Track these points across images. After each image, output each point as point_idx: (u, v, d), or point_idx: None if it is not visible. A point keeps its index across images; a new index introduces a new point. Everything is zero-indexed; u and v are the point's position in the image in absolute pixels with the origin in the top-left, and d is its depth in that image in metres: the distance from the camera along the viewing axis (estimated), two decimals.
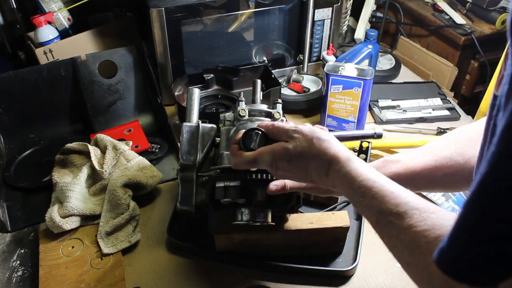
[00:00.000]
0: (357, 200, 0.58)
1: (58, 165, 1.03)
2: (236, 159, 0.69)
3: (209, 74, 1.25)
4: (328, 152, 0.61)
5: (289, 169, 0.65)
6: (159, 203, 1.00)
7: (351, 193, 0.59)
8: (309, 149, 0.62)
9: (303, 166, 0.63)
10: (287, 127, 0.66)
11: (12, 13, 1.27)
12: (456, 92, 1.46)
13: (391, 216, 0.52)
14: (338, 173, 0.60)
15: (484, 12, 1.43)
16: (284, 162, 0.64)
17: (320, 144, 0.62)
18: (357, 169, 0.59)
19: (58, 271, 0.84)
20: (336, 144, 0.63)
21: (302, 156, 0.63)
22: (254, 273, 0.85)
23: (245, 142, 0.68)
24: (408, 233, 0.49)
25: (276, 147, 0.65)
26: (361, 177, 0.58)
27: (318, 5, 1.26)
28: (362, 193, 0.56)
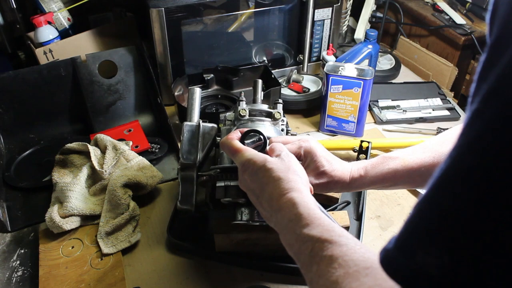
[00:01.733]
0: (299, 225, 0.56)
1: (58, 165, 1.03)
2: (225, 140, 0.72)
3: (209, 74, 1.25)
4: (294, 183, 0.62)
5: (252, 178, 0.66)
6: (159, 203, 1.00)
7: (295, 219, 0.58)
8: (281, 171, 0.63)
9: (265, 181, 0.64)
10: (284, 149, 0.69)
11: (12, 13, 1.27)
12: (456, 92, 1.46)
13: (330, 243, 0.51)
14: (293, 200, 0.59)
15: (484, 12, 1.43)
16: (253, 170, 0.66)
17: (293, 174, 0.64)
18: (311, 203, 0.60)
19: (58, 271, 0.84)
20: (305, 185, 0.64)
21: (270, 172, 0.63)
22: (254, 273, 0.85)
23: (245, 136, 0.72)
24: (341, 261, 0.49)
25: (258, 155, 0.67)
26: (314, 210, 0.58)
27: (318, 5, 1.26)
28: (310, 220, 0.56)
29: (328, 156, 0.77)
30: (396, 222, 0.95)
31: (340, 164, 0.77)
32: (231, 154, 0.71)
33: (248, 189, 0.68)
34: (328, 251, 0.50)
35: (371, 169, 0.77)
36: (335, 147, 1.12)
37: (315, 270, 0.51)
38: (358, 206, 0.97)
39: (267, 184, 0.63)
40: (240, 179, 0.70)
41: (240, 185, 0.70)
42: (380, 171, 0.77)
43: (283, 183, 0.62)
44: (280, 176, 0.63)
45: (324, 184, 0.76)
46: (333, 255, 0.50)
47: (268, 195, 0.63)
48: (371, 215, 0.97)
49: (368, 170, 0.77)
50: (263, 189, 0.64)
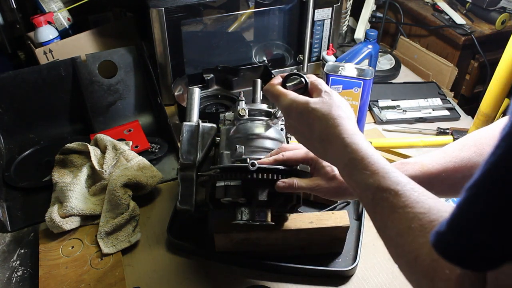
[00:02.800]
0: (356, 172, 0.57)
1: (58, 165, 1.03)
2: (268, 86, 0.72)
3: (209, 74, 1.25)
4: (340, 120, 0.62)
5: (298, 121, 0.67)
6: (159, 203, 1.00)
7: (351, 164, 0.58)
8: (325, 110, 0.64)
9: (311, 123, 0.64)
10: (323, 87, 0.68)
11: (12, 13, 1.27)
12: (456, 92, 1.46)
13: (388, 193, 0.52)
14: (343, 141, 0.60)
15: (484, 12, 1.43)
16: (297, 113, 0.66)
17: (336, 111, 0.63)
18: (363, 144, 0.59)
19: (58, 271, 0.84)
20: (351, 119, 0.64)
21: (314, 113, 0.64)
22: (254, 273, 0.85)
23: (286, 80, 0.72)
24: (402, 212, 0.49)
25: (299, 97, 0.67)
26: (366, 151, 0.58)
27: (318, 5, 1.26)
28: (364, 166, 0.56)
29: None
30: None
31: None
32: (274, 99, 0.71)
33: (296, 132, 0.69)
34: (388, 203, 0.51)
35: None
36: None
37: (378, 220, 0.53)
38: (358, 206, 0.96)
39: (313, 124, 0.64)
40: (286, 124, 0.71)
41: (288, 131, 0.72)
42: None
43: (330, 121, 0.62)
44: (325, 115, 0.63)
45: (335, 189, 0.73)
46: (393, 206, 0.50)
47: (318, 135, 0.64)
48: None
49: None
50: (311, 130, 0.65)
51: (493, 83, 0.94)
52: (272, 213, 0.79)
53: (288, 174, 0.75)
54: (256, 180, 0.73)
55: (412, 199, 0.49)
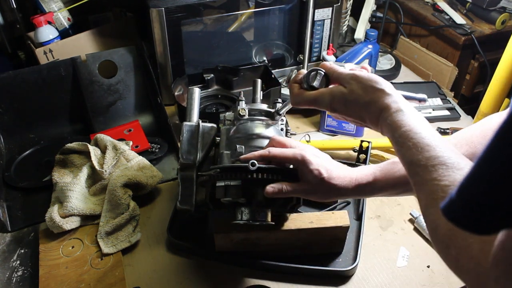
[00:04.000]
0: (396, 148, 0.60)
1: (58, 165, 1.03)
2: (296, 97, 0.73)
3: (209, 74, 1.25)
4: (381, 101, 0.64)
5: (346, 112, 0.68)
6: (159, 203, 1.00)
7: (392, 141, 0.61)
8: (364, 96, 0.65)
9: (358, 111, 0.66)
10: (345, 72, 0.69)
11: (12, 13, 1.27)
12: (456, 92, 1.46)
13: (419, 168, 0.54)
14: (386, 121, 0.62)
15: (484, 12, 1.43)
16: (341, 105, 0.68)
17: (374, 92, 0.65)
18: (403, 120, 0.61)
19: (58, 271, 0.84)
20: (389, 93, 0.64)
21: (357, 102, 0.66)
22: (254, 273, 0.85)
23: (309, 80, 0.71)
24: (430, 185, 0.52)
25: (334, 90, 0.68)
26: (405, 127, 0.60)
27: (318, 5, 1.26)
28: (401, 143, 0.59)
29: (327, 164, 0.73)
30: (396, 222, 0.95)
31: (342, 172, 0.74)
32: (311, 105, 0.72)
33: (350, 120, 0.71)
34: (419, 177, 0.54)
35: (381, 174, 0.74)
36: (335, 147, 1.12)
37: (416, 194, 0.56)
38: (358, 206, 0.96)
39: (360, 113, 0.66)
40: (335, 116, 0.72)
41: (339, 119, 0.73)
42: (391, 176, 0.73)
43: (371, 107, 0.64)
44: (364, 102, 0.65)
45: (325, 192, 0.73)
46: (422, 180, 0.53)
47: (369, 120, 0.66)
48: (371, 215, 0.97)
49: (377, 176, 0.74)
50: (361, 117, 0.67)
51: (493, 83, 0.94)
52: (272, 213, 0.79)
53: (288, 174, 0.74)
54: (256, 180, 0.73)
55: (439, 173, 0.52)
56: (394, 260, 0.87)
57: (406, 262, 0.87)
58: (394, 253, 0.88)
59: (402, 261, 0.87)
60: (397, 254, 0.88)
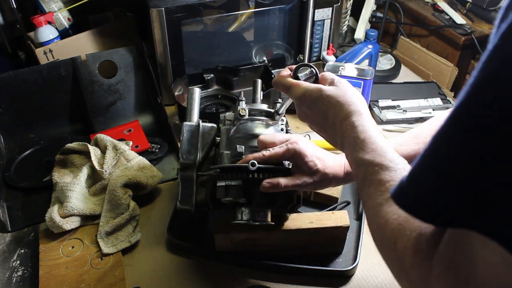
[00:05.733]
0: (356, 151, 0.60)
1: (58, 165, 1.03)
2: (278, 78, 0.75)
3: (209, 74, 1.25)
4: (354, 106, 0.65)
5: (312, 109, 0.70)
6: (159, 203, 1.00)
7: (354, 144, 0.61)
8: (340, 97, 0.66)
9: (325, 110, 0.67)
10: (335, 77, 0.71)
11: (12, 13, 1.27)
12: (456, 92, 1.46)
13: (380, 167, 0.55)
14: (353, 124, 0.63)
15: (484, 12, 1.43)
16: (311, 101, 0.69)
17: (351, 97, 0.66)
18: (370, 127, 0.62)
19: (58, 271, 0.84)
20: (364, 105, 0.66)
21: (329, 99, 0.67)
22: (254, 273, 0.85)
23: (297, 71, 0.73)
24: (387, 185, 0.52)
25: (311, 87, 0.70)
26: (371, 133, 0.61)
27: (318, 5, 1.26)
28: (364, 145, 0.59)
29: (319, 154, 0.76)
30: None
31: (333, 160, 0.77)
32: (285, 90, 0.74)
33: (310, 120, 0.72)
34: (378, 175, 0.54)
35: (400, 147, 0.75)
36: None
37: (365, 192, 0.56)
38: (358, 206, 0.96)
39: (327, 111, 0.67)
40: (298, 112, 0.74)
41: (302, 119, 0.74)
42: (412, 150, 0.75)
43: (344, 107, 0.65)
44: (339, 101, 0.66)
45: (319, 182, 0.75)
46: (381, 179, 0.53)
47: (331, 121, 0.67)
48: None
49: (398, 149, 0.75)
50: (325, 116, 0.68)
51: None
52: (272, 213, 0.79)
53: (288, 173, 0.75)
54: (257, 180, 0.73)
55: (399, 175, 0.52)
56: None
57: None
58: None
59: None
60: None
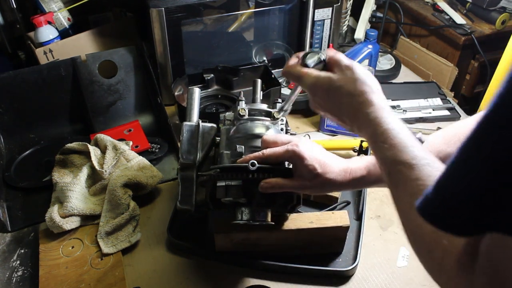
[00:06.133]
0: (377, 146, 0.59)
1: (58, 165, 1.03)
2: (287, 67, 0.73)
3: (209, 74, 1.25)
4: (365, 96, 0.63)
5: (325, 99, 0.68)
6: (159, 203, 1.00)
7: (373, 137, 0.60)
8: (349, 86, 0.64)
9: (338, 100, 0.65)
10: (344, 62, 0.68)
11: (12, 13, 1.27)
12: (456, 92, 1.46)
13: (403, 166, 0.53)
14: (368, 117, 0.61)
15: (484, 12, 1.43)
16: (323, 91, 0.67)
17: (361, 86, 0.64)
18: (386, 118, 0.60)
19: (58, 271, 0.84)
20: (376, 92, 0.64)
21: (340, 90, 0.65)
22: (254, 273, 0.85)
23: (305, 57, 0.70)
24: (414, 185, 0.50)
25: (322, 74, 0.68)
26: (388, 125, 0.59)
27: (318, 5, 1.26)
28: (384, 140, 0.58)
29: (321, 157, 0.73)
30: (396, 222, 0.95)
31: (337, 165, 0.74)
32: (296, 80, 0.72)
33: (323, 109, 0.70)
34: (402, 175, 0.53)
35: (374, 168, 0.74)
36: (335, 147, 1.12)
37: (393, 193, 0.55)
38: (358, 206, 0.97)
39: (341, 102, 0.65)
40: (311, 102, 0.71)
41: (314, 108, 0.72)
42: None
43: (355, 98, 0.63)
44: (350, 91, 0.64)
45: (318, 187, 0.73)
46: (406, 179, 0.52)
47: (346, 112, 0.65)
48: (371, 215, 0.97)
49: (370, 169, 0.74)
50: (339, 108, 0.66)
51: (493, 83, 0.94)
52: (272, 213, 0.79)
53: (288, 174, 0.74)
54: (257, 180, 0.73)
55: (425, 173, 0.50)
56: (394, 260, 0.87)
57: (406, 262, 0.87)
58: (394, 253, 0.88)
59: (402, 261, 0.87)
60: (397, 254, 0.88)
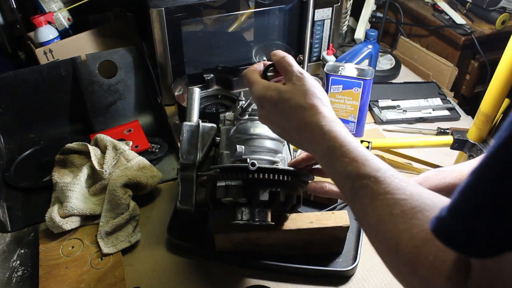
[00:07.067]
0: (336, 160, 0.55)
1: (58, 165, 1.03)
2: (246, 71, 0.69)
3: (209, 74, 1.25)
4: (317, 109, 0.59)
5: (272, 111, 0.63)
6: (159, 203, 1.00)
7: (330, 152, 0.56)
8: (300, 99, 0.61)
9: (286, 113, 0.61)
10: (293, 69, 0.64)
11: (12, 13, 1.27)
12: (456, 92, 1.46)
13: (368, 180, 0.50)
14: (321, 130, 0.58)
15: (484, 12, 1.43)
16: (271, 103, 0.63)
17: (311, 99, 0.60)
18: (341, 131, 0.57)
19: (58, 271, 0.84)
20: (327, 106, 0.61)
21: (289, 102, 0.61)
22: (254, 273, 0.85)
23: (267, 69, 0.68)
24: (382, 199, 0.47)
25: (271, 85, 0.64)
26: (345, 138, 0.56)
27: (318, 5, 1.26)
28: (343, 154, 0.54)
29: None
30: None
31: None
32: (249, 86, 0.68)
33: (271, 123, 0.66)
34: (368, 189, 0.50)
35: (424, 181, 0.72)
36: None
37: (358, 207, 0.51)
38: None
39: (289, 114, 0.61)
40: (259, 114, 0.67)
41: (262, 121, 0.68)
42: (434, 184, 0.71)
43: (306, 110, 0.59)
44: (299, 104, 0.60)
45: None
46: (373, 193, 0.49)
47: (296, 125, 0.61)
48: None
49: (420, 182, 0.72)
50: (287, 120, 0.62)
51: (493, 83, 0.94)
52: (272, 213, 0.79)
53: (287, 173, 0.74)
54: (257, 180, 0.73)
55: (393, 186, 0.48)
56: None
57: None
58: None
59: None
60: None
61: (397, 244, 0.44)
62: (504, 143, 0.34)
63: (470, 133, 1.03)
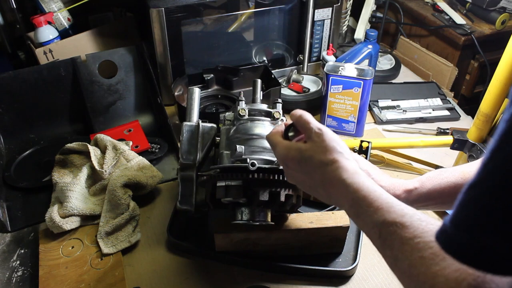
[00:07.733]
0: (362, 211, 0.56)
1: (58, 165, 1.03)
2: (269, 134, 0.71)
3: (209, 74, 1.25)
4: (338, 163, 0.60)
5: (297, 171, 0.65)
6: (159, 203, 1.00)
7: (355, 204, 0.57)
8: (320, 156, 0.62)
9: (310, 171, 0.63)
10: (312, 127, 0.64)
11: (12, 13, 1.27)
12: (456, 92, 1.46)
13: (395, 226, 0.51)
14: (344, 183, 0.59)
15: (484, 12, 1.43)
16: (294, 163, 0.64)
17: (332, 154, 0.61)
18: (364, 182, 0.58)
19: (58, 271, 0.84)
20: (348, 158, 0.62)
21: (312, 160, 0.62)
22: (254, 273, 0.85)
23: (288, 130, 0.69)
24: (412, 243, 0.48)
25: (293, 145, 0.65)
26: (368, 188, 0.57)
27: (318, 5, 1.26)
28: (368, 204, 0.55)
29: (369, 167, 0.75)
30: None
31: (388, 177, 0.76)
32: (272, 149, 0.70)
33: (297, 181, 0.67)
34: (396, 235, 0.50)
35: (427, 180, 0.74)
36: None
37: (389, 254, 0.52)
38: None
39: (313, 172, 0.62)
40: (286, 174, 0.68)
41: (289, 180, 0.68)
42: (438, 184, 0.72)
43: (328, 166, 0.60)
44: (321, 161, 0.61)
45: None
46: (402, 238, 0.49)
47: (320, 181, 0.62)
48: None
49: (423, 181, 0.74)
50: (312, 177, 0.63)
51: (493, 83, 0.94)
52: (272, 213, 0.79)
53: None
54: (257, 180, 0.73)
55: (421, 229, 0.48)
56: None
57: None
58: None
59: None
60: None
61: (432, 286, 0.44)
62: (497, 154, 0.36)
63: (470, 133, 1.03)
